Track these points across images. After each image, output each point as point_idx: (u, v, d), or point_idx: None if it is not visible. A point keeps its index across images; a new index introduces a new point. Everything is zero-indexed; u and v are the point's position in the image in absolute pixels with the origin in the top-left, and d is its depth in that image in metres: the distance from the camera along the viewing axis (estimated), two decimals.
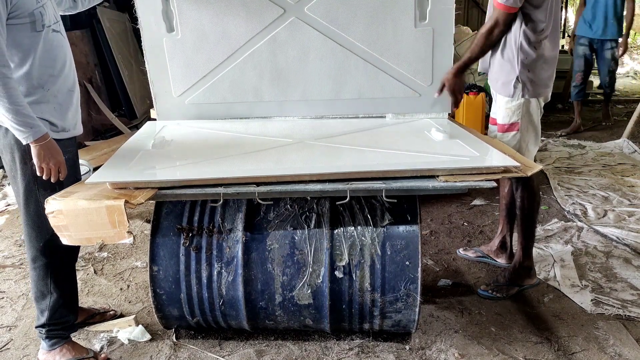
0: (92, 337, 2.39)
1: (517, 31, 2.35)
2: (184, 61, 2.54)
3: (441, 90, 2.54)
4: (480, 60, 2.60)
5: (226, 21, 2.49)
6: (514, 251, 2.86)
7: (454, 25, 2.51)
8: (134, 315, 2.50)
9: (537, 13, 2.31)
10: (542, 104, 2.51)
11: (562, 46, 7.57)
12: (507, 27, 2.36)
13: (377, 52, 2.54)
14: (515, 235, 2.79)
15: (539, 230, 3.28)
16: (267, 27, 2.50)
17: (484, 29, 2.38)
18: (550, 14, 2.35)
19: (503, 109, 2.49)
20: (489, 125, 2.67)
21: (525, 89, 2.41)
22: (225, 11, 2.48)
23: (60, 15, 2.15)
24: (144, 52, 2.54)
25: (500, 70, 2.45)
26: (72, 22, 6.04)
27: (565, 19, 9.83)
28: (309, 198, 2.10)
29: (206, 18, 2.48)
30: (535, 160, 2.50)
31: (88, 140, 5.52)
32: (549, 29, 2.37)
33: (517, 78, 2.40)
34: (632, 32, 10.15)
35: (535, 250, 2.88)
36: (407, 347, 2.26)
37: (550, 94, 2.53)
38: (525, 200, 2.58)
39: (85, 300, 2.71)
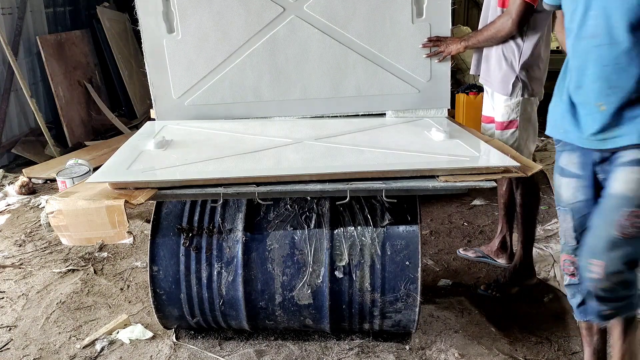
0: (93, 339, 2.39)
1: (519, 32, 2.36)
2: (184, 62, 2.53)
3: (434, 43, 2.49)
4: (472, 64, 2.62)
5: (226, 21, 2.49)
6: (514, 251, 2.86)
7: (454, 25, 2.51)
8: (127, 316, 2.51)
9: (539, 15, 2.33)
10: (538, 102, 2.54)
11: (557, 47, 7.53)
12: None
13: (375, 49, 2.54)
14: (516, 235, 2.79)
15: (539, 230, 3.28)
16: (266, 26, 2.50)
17: (509, 22, 2.31)
18: (546, 16, 2.37)
19: (502, 106, 2.50)
20: (483, 123, 2.68)
21: (524, 88, 2.43)
22: (226, 11, 2.47)
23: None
24: (143, 53, 2.54)
25: (499, 69, 2.46)
26: (72, 22, 6.06)
27: None
28: (309, 198, 2.10)
29: (206, 18, 2.48)
30: (534, 160, 2.50)
31: (88, 140, 5.52)
32: (544, 30, 2.39)
33: (517, 77, 2.41)
34: None
35: (535, 250, 2.88)
36: (407, 347, 2.26)
37: (543, 92, 2.54)
38: (526, 198, 2.59)
39: (85, 300, 2.71)
